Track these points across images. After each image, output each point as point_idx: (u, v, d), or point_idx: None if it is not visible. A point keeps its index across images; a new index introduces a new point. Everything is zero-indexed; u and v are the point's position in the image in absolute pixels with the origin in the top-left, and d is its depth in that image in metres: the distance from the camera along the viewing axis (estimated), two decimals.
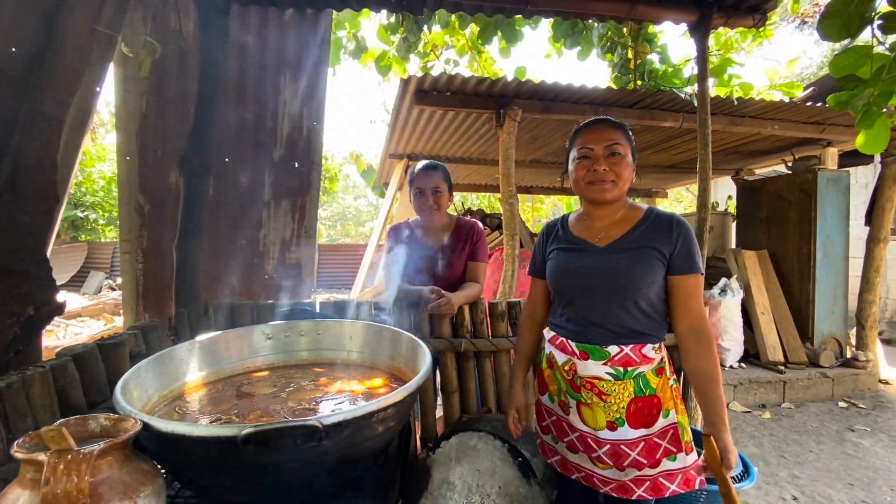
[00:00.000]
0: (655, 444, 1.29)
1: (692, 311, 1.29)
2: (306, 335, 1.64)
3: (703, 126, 2.28)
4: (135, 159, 2.21)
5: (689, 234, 1.31)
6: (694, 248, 1.30)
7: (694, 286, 1.30)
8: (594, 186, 1.32)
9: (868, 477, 2.88)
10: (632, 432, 1.29)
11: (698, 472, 1.27)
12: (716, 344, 1.29)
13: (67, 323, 5.66)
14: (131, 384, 1.12)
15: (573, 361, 1.36)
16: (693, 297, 1.29)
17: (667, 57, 3.82)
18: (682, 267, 1.29)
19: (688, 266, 1.29)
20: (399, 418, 1.12)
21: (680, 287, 1.30)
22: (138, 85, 2.12)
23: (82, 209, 11.92)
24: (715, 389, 1.25)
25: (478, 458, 1.74)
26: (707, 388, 1.26)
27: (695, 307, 1.29)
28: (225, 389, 1.38)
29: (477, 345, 2.08)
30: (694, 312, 1.29)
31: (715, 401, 1.25)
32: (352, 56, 3.93)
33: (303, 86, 2.70)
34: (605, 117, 1.36)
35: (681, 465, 1.29)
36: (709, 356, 1.26)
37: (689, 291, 1.29)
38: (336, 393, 1.33)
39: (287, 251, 2.87)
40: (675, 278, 1.30)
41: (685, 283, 1.29)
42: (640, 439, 1.29)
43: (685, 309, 1.30)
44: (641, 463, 1.28)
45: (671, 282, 1.30)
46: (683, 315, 1.30)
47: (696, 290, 1.30)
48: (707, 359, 1.26)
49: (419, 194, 2.10)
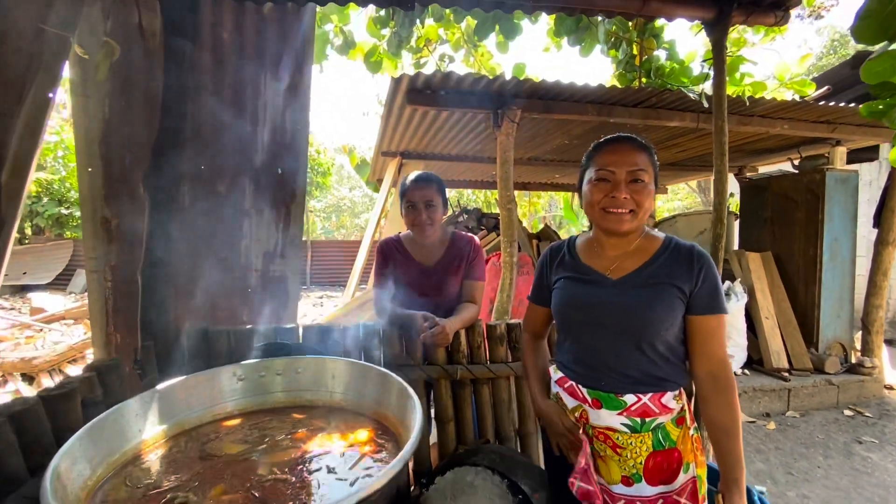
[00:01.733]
0: (673, 501, 1.16)
1: (713, 356, 1.15)
2: (283, 374, 1.47)
3: (720, 133, 2.10)
4: (98, 170, 2.00)
5: (713, 269, 1.16)
6: (718, 285, 1.16)
7: (716, 327, 1.16)
8: (611, 215, 1.16)
9: (879, 496, 2.77)
10: (649, 489, 1.16)
11: None
12: (737, 394, 1.14)
13: (49, 328, 5.46)
14: (66, 462, 0.95)
15: (584, 409, 1.22)
16: (715, 339, 1.15)
17: (674, 53, 3.62)
18: (705, 306, 1.14)
19: (711, 306, 1.14)
20: (388, 497, 0.96)
21: (701, 329, 1.16)
22: (98, 89, 1.92)
23: (66, 206, 11.60)
24: (732, 445, 1.11)
25: (475, 496, 1.60)
26: (723, 442, 1.12)
27: (717, 351, 1.15)
28: (188, 447, 1.22)
29: (474, 371, 1.92)
30: (715, 357, 1.15)
31: (730, 456, 1.11)
32: (339, 52, 3.69)
33: (285, 85, 2.49)
34: (631, 136, 1.19)
35: None
36: (727, 406, 1.13)
37: (710, 333, 1.15)
38: (316, 452, 1.17)
39: (271, 263, 2.69)
40: (697, 318, 1.15)
41: (707, 325, 1.15)
42: (658, 496, 1.16)
43: (705, 353, 1.16)
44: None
45: (691, 322, 1.16)
46: (703, 360, 1.16)
47: (719, 331, 1.16)
48: (725, 409, 1.13)
49: (411, 208, 1.93)
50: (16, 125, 1.55)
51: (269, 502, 0.96)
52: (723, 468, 1.12)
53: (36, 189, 11.21)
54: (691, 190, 15.27)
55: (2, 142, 1.47)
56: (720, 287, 1.17)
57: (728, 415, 1.12)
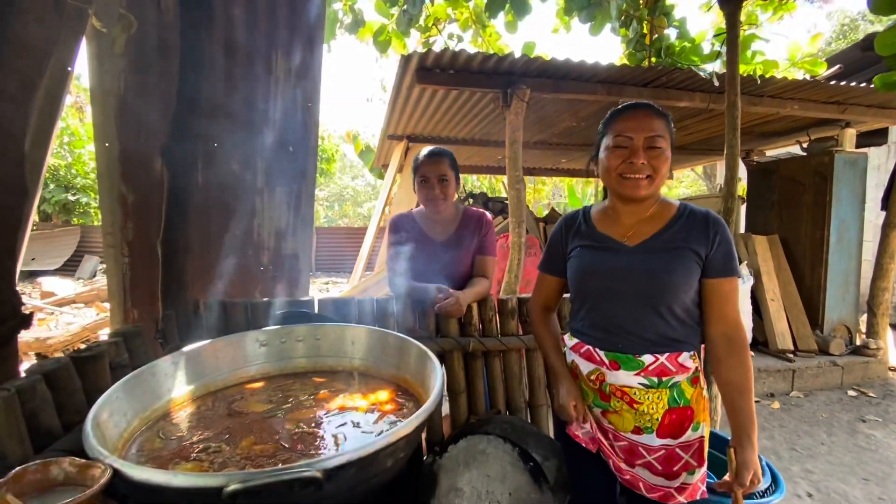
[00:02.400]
0: (676, 456, 1.21)
1: (728, 318, 1.19)
2: (304, 341, 1.50)
3: (732, 108, 2.10)
4: (115, 146, 2.03)
5: (727, 233, 1.20)
6: (732, 249, 1.19)
7: (731, 290, 1.19)
8: (628, 181, 1.18)
9: (882, 471, 2.82)
10: (657, 441, 1.21)
11: (719, 487, 1.19)
12: (749, 355, 1.18)
13: (61, 311, 5.54)
14: (105, 412, 0.99)
15: (601, 371, 1.25)
16: (729, 302, 1.19)
17: (685, 31, 3.58)
18: (720, 270, 1.18)
19: (725, 269, 1.18)
20: (409, 448, 0.99)
21: (716, 291, 1.19)
22: (115, 63, 1.93)
23: (73, 192, 11.64)
24: (745, 403, 1.15)
25: (487, 463, 1.65)
26: (736, 401, 1.16)
27: (731, 313, 1.19)
28: (216, 406, 1.26)
29: (486, 344, 1.96)
30: (730, 319, 1.19)
31: (744, 415, 1.15)
32: (348, 31, 3.67)
33: (296, 64, 2.50)
34: (648, 103, 1.21)
35: (696, 478, 1.22)
36: (741, 366, 1.16)
37: (725, 296, 1.19)
38: (338, 409, 1.21)
39: (283, 241, 2.71)
40: (712, 281, 1.18)
41: (722, 288, 1.18)
42: (661, 447, 1.22)
43: (721, 315, 1.19)
44: (655, 468, 1.21)
45: (707, 285, 1.19)
46: (718, 321, 1.20)
47: (733, 294, 1.19)
48: (739, 369, 1.16)
49: (424, 183, 1.95)
50: (37, 97, 1.57)
51: (297, 452, 1.00)
52: (736, 425, 1.16)
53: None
54: (697, 176, 15.18)
55: (24, 113, 1.49)
56: (734, 251, 1.20)
57: (742, 374, 1.16)
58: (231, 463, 0.97)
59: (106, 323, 4.50)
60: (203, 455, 1.00)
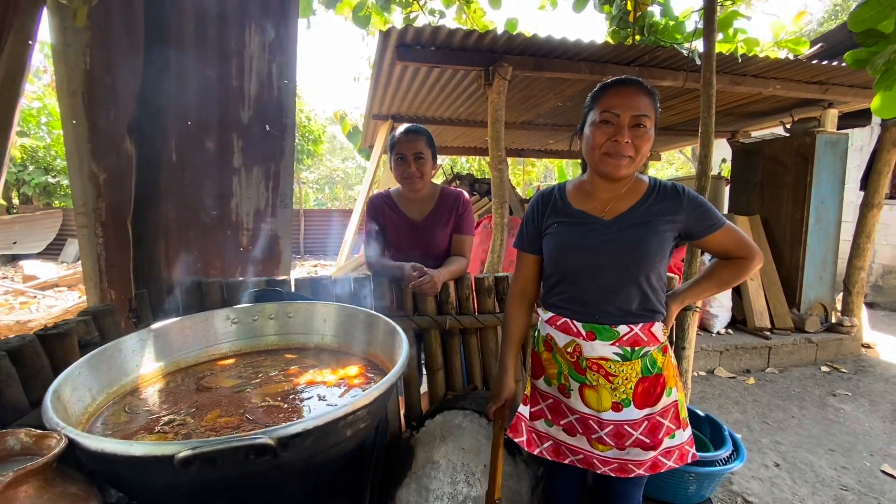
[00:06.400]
0: (658, 423, 1.26)
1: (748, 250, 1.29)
2: (275, 318, 1.51)
3: (708, 86, 2.10)
4: (83, 123, 1.98)
5: (696, 196, 1.27)
6: (707, 206, 1.26)
7: (730, 234, 1.27)
8: (610, 159, 1.19)
9: (848, 442, 2.93)
10: (636, 412, 1.25)
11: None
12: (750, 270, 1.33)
13: (44, 294, 5.48)
14: (67, 387, 0.99)
15: (577, 343, 1.27)
16: (739, 242, 1.28)
17: (668, 9, 3.55)
18: (706, 226, 1.25)
19: (710, 224, 1.26)
20: (371, 418, 1.01)
21: (718, 244, 1.28)
22: (80, 37, 1.87)
23: (53, 174, 11.37)
24: (715, 290, 1.38)
25: (463, 437, 1.70)
26: (708, 288, 1.37)
27: (748, 247, 1.28)
28: (185, 381, 1.27)
29: (462, 322, 1.98)
30: (751, 249, 1.29)
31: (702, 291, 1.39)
32: (326, 5, 3.58)
33: (270, 38, 2.44)
34: (637, 79, 1.20)
35: (678, 441, 1.28)
36: (742, 276, 1.31)
37: (730, 242, 1.28)
38: (307, 384, 1.23)
39: (262, 222, 2.70)
40: (705, 240, 1.27)
41: (717, 239, 1.27)
42: (643, 419, 1.26)
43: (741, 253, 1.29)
44: (644, 443, 1.25)
45: (705, 244, 1.28)
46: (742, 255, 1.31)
47: (735, 234, 1.28)
48: (737, 272, 1.31)
49: (400, 160, 1.94)
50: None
51: (262, 423, 1.02)
52: (685, 292, 1.37)
53: (21, 156, 10.95)
54: (687, 159, 15.21)
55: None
56: (710, 207, 1.26)
57: (733, 275, 1.31)
58: (195, 434, 0.99)
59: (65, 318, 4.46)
60: (167, 428, 1.01)
